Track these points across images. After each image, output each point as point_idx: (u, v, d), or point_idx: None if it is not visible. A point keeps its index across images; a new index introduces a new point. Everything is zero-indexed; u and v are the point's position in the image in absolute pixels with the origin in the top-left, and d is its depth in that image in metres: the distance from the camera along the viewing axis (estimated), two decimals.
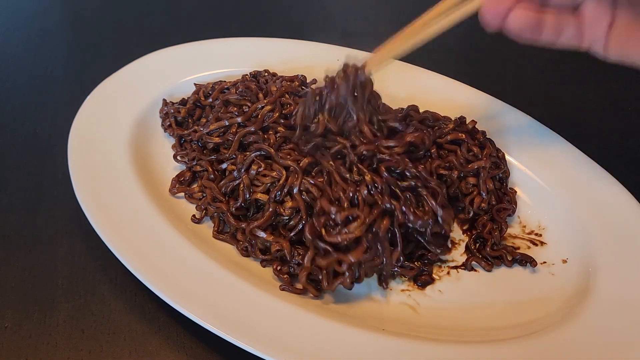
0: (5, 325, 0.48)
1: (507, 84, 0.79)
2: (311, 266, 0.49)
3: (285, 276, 0.50)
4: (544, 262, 0.54)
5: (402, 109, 0.61)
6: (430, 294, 0.51)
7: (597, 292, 0.49)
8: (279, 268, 0.50)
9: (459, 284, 0.52)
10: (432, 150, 0.56)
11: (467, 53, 0.87)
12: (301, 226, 0.51)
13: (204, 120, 0.62)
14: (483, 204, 0.56)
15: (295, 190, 0.52)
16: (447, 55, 0.85)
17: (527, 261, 0.53)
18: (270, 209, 0.52)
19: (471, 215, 0.56)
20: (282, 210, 0.52)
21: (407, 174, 0.51)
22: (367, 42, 0.79)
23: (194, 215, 0.55)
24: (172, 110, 0.63)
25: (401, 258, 0.50)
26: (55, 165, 0.62)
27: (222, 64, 0.71)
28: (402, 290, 0.51)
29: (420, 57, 0.75)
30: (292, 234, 0.51)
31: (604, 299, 0.48)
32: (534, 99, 0.64)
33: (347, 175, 0.51)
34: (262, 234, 0.52)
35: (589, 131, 0.67)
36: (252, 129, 0.58)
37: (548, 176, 0.59)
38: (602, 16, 0.47)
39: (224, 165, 0.57)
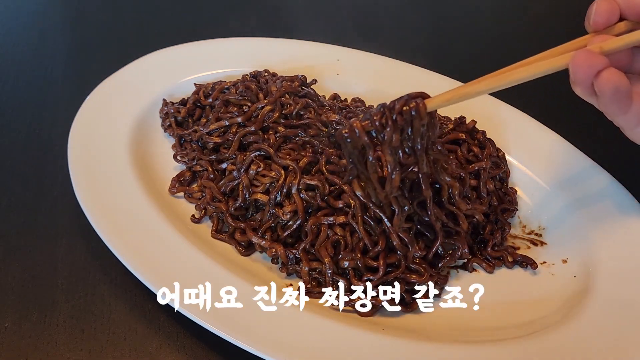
0: (5, 325, 0.48)
1: None
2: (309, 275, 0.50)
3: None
4: (544, 262, 0.54)
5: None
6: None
7: (597, 292, 0.49)
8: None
9: (459, 284, 0.52)
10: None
11: (467, 53, 0.87)
12: (296, 226, 0.51)
13: (204, 120, 0.62)
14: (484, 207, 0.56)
15: (293, 190, 0.52)
16: (447, 55, 0.85)
17: (527, 263, 0.53)
18: (270, 220, 0.52)
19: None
20: (281, 214, 0.52)
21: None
22: (367, 42, 0.79)
23: (193, 215, 0.55)
24: (172, 110, 0.63)
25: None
26: (55, 165, 0.61)
27: (222, 64, 0.70)
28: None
29: (420, 57, 0.76)
30: (285, 234, 0.52)
31: (604, 299, 0.48)
32: (534, 99, 0.64)
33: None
34: (257, 240, 0.52)
35: (589, 131, 0.67)
36: (252, 129, 0.58)
37: (548, 176, 0.59)
38: None
39: (224, 165, 0.57)
